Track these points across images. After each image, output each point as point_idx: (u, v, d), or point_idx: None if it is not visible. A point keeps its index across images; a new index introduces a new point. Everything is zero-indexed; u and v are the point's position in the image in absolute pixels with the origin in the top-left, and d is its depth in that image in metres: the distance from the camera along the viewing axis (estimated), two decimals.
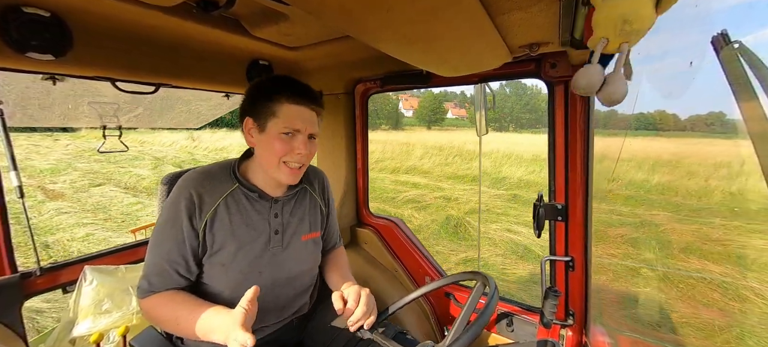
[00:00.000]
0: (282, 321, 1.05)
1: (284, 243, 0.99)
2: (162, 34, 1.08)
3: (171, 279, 0.87)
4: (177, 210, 0.87)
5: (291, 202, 1.02)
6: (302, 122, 0.89)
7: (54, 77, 1.06)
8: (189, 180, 0.91)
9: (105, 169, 10.90)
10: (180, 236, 0.87)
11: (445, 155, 13.83)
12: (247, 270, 0.92)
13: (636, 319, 3.30)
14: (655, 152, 11.77)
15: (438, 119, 65.35)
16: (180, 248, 0.87)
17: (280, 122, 0.87)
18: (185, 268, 0.88)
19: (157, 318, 0.88)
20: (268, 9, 1.00)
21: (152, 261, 0.88)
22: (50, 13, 0.86)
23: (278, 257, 0.97)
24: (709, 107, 18.14)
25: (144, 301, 0.88)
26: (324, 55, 1.42)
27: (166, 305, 0.86)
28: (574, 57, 1.02)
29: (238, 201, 0.93)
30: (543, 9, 0.71)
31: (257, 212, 0.95)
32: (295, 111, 0.88)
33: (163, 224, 0.89)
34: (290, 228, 1.00)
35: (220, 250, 0.90)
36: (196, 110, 1.89)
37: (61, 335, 1.22)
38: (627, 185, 8.42)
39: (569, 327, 1.28)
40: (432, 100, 64.63)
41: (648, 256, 4.89)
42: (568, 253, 1.24)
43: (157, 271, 0.87)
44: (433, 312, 1.65)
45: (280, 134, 0.87)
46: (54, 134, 19.88)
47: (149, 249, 0.90)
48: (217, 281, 0.91)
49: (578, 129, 1.15)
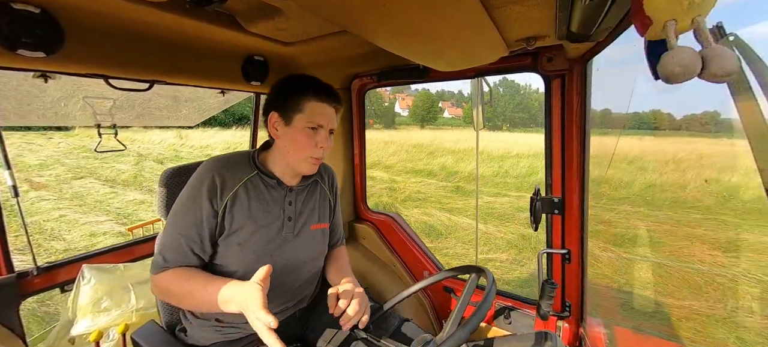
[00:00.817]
0: (285, 310, 1.07)
1: (296, 230, 1.03)
2: (156, 31, 1.07)
3: (185, 256, 0.90)
4: (199, 191, 0.91)
5: (304, 192, 1.08)
6: (325, 119, 0.96)
7: (46, 75, 1.05)
8: (213, 164, 0.97)
9: (90, 164, 11.45)
10: (199, 216, 0.90)
11: (418, 152, 14.77)
12: (260, 251, 0.96)
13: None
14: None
15: (431, 117, 65.38)
16: (198, 227, 0.91)
17: (305, 117, 0.94)
18: (200, 247, 0.91)
19: (171, 293, 0.90)
20: (264, 4, 0.99)
21: (169, 237, 0.92)
22: (40, 9, 0.84)
23: (289, 243, 1.02)
24: (703, 107, 18.07)
25: (158, 276, 0.91)
26: (320, 50, 1.41)
27: (179, 279, 0.89)
28: (571, 51, 1.02)
29: (257, 186, 0.98)
30: (539, 2, 0.71)
31: (273, 199, 1.00)
32: (320, 108, 0.95)
33: (184, 202, 0.93)
34: (302, 217, 1.05)
35: (238, 230, 0.94)
36: (192, 107, 1.87)
37: (60, 334, 1.22)
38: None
39: (566, 318, 1.30)
40: (425, 99, 64.52)
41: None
42: (564, 246, 1.26)
43: (174, 247, 0.90)
44: (433, 307, 1.66)
45: (305, 129, 0.94)
46: (48, 132, 19.93)
47: (167, 227, 0.94)
48: (231, 260, 0.95)
49: (575, 123, 1.15)
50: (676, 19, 0.38)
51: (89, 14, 0.92)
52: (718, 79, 0.37)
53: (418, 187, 9.75)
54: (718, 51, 0.36)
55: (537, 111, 68.22)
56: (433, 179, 10.79)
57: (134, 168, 10.82)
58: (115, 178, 9.66)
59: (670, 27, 0.39)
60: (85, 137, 17.39)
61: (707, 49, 0.37)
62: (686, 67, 0.37)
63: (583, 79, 1.12)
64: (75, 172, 10.20)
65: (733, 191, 7.00)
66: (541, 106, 29.74)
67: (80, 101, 1.38)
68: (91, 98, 1.38)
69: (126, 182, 9.27)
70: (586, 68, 1.10)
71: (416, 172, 11.95)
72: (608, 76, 1.13)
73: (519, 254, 4.98)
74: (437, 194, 9.06)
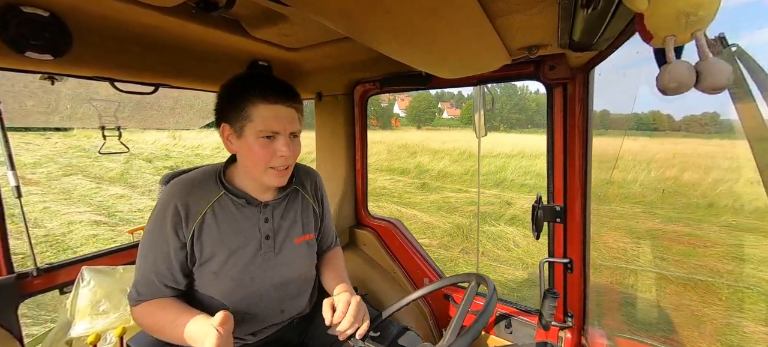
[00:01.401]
0: (282, 323, 1.04)
1: (276, 248, 0.97)
2: (161, 35, 1.08)
3: (158, 290, 0.87)
4: (163, 222, 0.85)
5: (282, 205, 0.99)
6: (280, 123, 0.84)
7: (52, 77, 1.06)
8: (174, 190, 0.88)
9: (81, 163, 12.16)
10: (165, 249, 0.85)
11: (401, 151, 15.53)
12: (238, 276, 0.91)
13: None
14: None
15: (427, 119, 65.41)
16: (166, 261, 0.86)
17: (256, 125, 0.82)
18: (172, 279, 0.87)
19: (146, 326, 0.88)
20: (268, 10, 1.00)
21: (140, 270, 0.88)
22: (49, 12, 0.85)
23: (271, 262, 0.96)
24: (703, 108, 18.14)
25: (134, 309, 0.88)
26: (323, 56, 1.42)
27: (153, 314, 0.86)
28: (573, 59, 1.03)
29: (226, 208, 0.90)
30: (542, 11, 0.72)
31: (246, 218, 0.92)
32: (271, 112, 0.82)
33: (149, 234, 0.88)
34: (282, 232, 0.98)
35: (210, 259, 0.88)
36: (195, 110, 1.89)
37: (57, 336, 1.21)
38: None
39: (568, 328, 1.28)
40: (422, 100, 64.65)
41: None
42: (566, 255, 1.25)
43: (145, 282, 0.87)
44: (432, 314, 1.64)
45: (259, 138, 0.83)
46: (46, 133, 20.26)
47: (138, 258, 0.89)
48: (208, 289, 0.90)
49: (577, 131, 1.15)
50: (675, 34, 0.40)
51: (97, 18, 0.93)
52: (710, 91, 0.39)
53: (386, 184, 10.23)
54: (712, 65, 0.38)
55: (534, 112, 69.64)
56: (404, 177, 11.35)
57: (123, 166, 11.40)
58: (102, 175, 10.28)
59: (669, 42, 0.40)
60: (83, 138, 17.87)
61: (702, 63, 0.38)
62: (680, 83, 0.39)
63: (585, 87, 1.12)
64: (66, 170, 10.80)
65: (680, 187, 7.94)
66: (538, 107, 30.37)
67: (85, 101, 1.39)
68: (96, 100, 1.39)
69: (112, 179, 9.89)
70: (588, 77, 1.11)
71: (390, 170, 12.50)
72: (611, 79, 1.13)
73: (450, 240, 5.64)
74: (401, 190, 9.54)
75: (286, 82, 0.88)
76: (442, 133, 34.17)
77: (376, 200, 8.42)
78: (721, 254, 4.76)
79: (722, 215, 6.41)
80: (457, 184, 10.48)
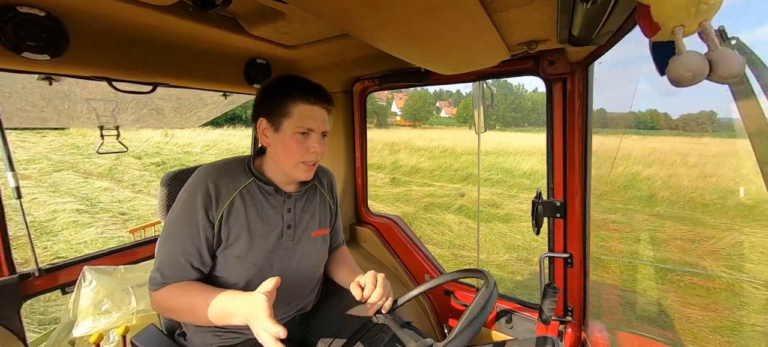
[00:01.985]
0: (286, 316, 1.06)
1: (296, 238, 1.00)
2: (159, 34, 1.08)
3: (184, 270, 0.88)
4: (193, 202, 0.87)
5: (303, 198, 1.04)
6: (315, 121, 0.91)
7: (50, 78, 1.05)
8: (206, 172, 0.92)
9: (73, 159, 12.42)
10: (195, 228, 0.87)
11: (384, 149, 16.01)
12: (260, 262, 0.94)
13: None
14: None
15: (423, 117, 66.18)
16: (195, 240, 0.87)
17: (294, 121, 0.89)
18: (199, 260, 0.88)
19: (171, 308, 0.88)
20: (266, 7, 0.99)
21: (166, 252, 0.88)
22: (45, 12, 0.85)
23: (289, 252, 0.99)
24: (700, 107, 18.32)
25: (156, 293, 0.88)
26: (322, 53, 1.41)
27: (180, 295, 0.86)
28: (573, 54, 1.02)
29: (253, 195, 0.94)
30: (541, 6, 0.71)
31: (272, 206, 0.96)
32: (309, 111, 0.89)
33: (177, 215, 0.89)
34: (302, 224, 1.02)
35: (235, 242, 0.91)
36: (195, 109, 1.88)
37: (60, 336, 1.21)
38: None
39: (568, 323, 1.29)
40: (418, 98, 64.67)
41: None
42: (566, 250, 1.25)
43: (172, 263, 0.87)
44: (433, 309, 1.65)
45: (295, 134, 0.89)
46: (43, 131, 20.53)
47: (162, 241, 0.91)
48: (230, 273, 0.92)
49: (576, 126, 1.15)
50: (684, 25, 0.39)
51: (94, 17, 0.93)
52: (725, 80, 0.38)
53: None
54: (724, 53, 0.37)
55: (529, 111, 69.89)
56: (379, 173, 11.71)
57: (113, 163, 11.80)
58: (92, 171, 10.61)
59: (678, 32, 0.40)
60: (78, 136, 18.08)
61: (713, 52, 0.38)
62: (695, 72, 0.38)
63: (584, 82, 1.12)
64: (57, 166, 11.11)
65: (635, 182, 8.39)
66: (533, 106, 30.67)
67: (83, 101, 1.38)
68: (94, 100, 1.39)
69: (101, 174, 10.22)
70: (587, 72, 1.10)
71: (368, 166, 13.57)
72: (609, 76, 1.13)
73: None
74: (370, 185, 10.46)
75: (323, 87, 0.94)
76: (434, 131, 35.25)
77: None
78: (624, 237, 5.41)
79: (657, 206, 6.86)
80: (425, 179, 11.03)
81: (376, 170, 12.19)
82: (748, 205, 5.61)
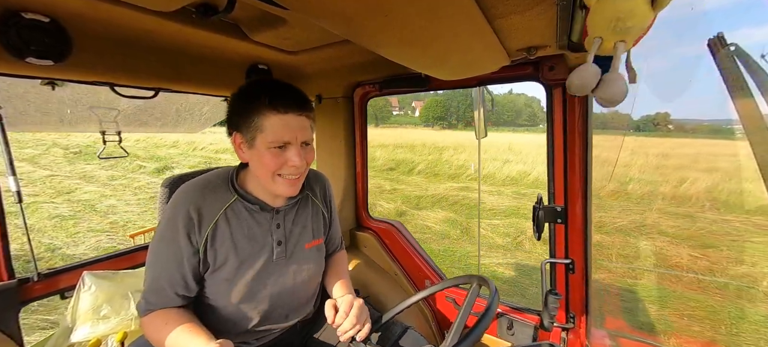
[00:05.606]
0: (286, 327, 1.05)
1: (288, 253, 0.96)
2: (162, 39, 1.09)
3: (168, 298, 0.84)
4: (175, 227, 0.83)
5: (293, 211, 0.99)
6: (291, 132, 0.82)
7: (53, 83, 1.06)
8: (187, 194, 0.87)
9: (54, 154, 13.88)
10: (179, 255, 0.83)
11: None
12: (251, 283, 0.90)
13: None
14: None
15: (384, 117, 76.53)
16: (179, 267, 0.84)
17: (267, 135, 0.80)
18: (184, 287, 0.85)
19: (153, 340, 0.85)
20: (267, 13, 1.00)
21: (151, 277, 0.85)
22: (49, 18, 0.86)
23: (283, 268, 0.95)
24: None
25: (143, 320, 0.86)
26: (323, 59, 1.42)
27: (159, 330, 0.82)
28: (572, 60, 1.03)
29: (239, 214, 0.89)
30: (540, 13, 0.72)
31: (258, 224, 0.91)
32: (281, 122, 0.80)
33: (160, 241, 0.85)
34: (293, 238, 0.98)
35: (222, 266, 0.87)
36: (196, 114, 1.89)
37: (59, 341, 1.21)
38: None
39: (570, 330, 1.27)
40: (379, 98, 70.87)
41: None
42: (568, 255, 1.24)
43: (155, 289, 0.84)
44: (434, 316, 1.64)
45: (270, 149, 0.81)
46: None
47: (148, 265, 0.87)
48: (221, 296, 0.89)
49: (576, 131, 1.15)
50: (602, 38, 0.43)
51: (97, 23, 0.93)
52: (602, 102, 0.43)
53: None
54: (613, 78, 0.42)
55: (516, 114, 74.42)
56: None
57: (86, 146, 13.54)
58: (71, 166, 12.09)
59: (595, 43, 0.44)
60: (71, 136, 18.46)
61: (608, 74, 0.42)
62: (580, 85, 0.44)
63: None
64: (42, 164, 12.46)
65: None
66: (520, 108, 32.33)
67: (86, 107, 1.39)
68: (97, 107, 1.40)
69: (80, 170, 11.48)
70: None
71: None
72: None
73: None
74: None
75: (297, 89, 0.86)
76: (387, 130, 37.71)
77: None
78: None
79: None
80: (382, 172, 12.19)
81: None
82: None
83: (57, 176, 10.36)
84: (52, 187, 9.06)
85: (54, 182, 9.60)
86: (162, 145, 18.44)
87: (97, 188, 9.14)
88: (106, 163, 12.10)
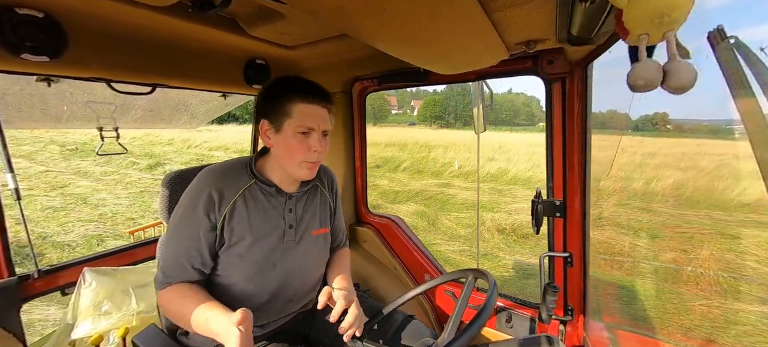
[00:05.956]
0: (289, 314, 1.07)
1: (297, 237, 1.02)
2: (158, 35, 1.08)
3: (185, 272, 0.90)
4: (195, 206, 0.90)
5: (303, 198, 1.06)
6: (315, 121, 0.92)
7: (49, 79, 1.05)
8: (209, 176, 0.94)
9: (50, 151, 14.07)
10: (197, 232, 0.89)
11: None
12: (262, 261, 0.95)
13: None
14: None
15: (382, 116, 75.50)
16: (196, 243, 0.90)
17: (294, 121, 0.90)
18: (200, 262, 0.91)
19: (170, 312, 0.91)
20: (265, 8, 0.99)
21: (168, 253, 0.91)
22: (44, 14, 0.85)
23: (291, 251, 1.01)
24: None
25: (160, 293, 0.91)
26: (321, 53, 1.41)
27: (176, 299, 0.88)
28: (572, 54, 1.02)
29: (255, 196, 0.97)
30: (539, 5, 0.71)
31: (273, 207, 0.99)
32: (309, 110, 0.91)
33: (181, 218, 0.91)
34: (303, 223, 1.04)
35: (238, 242, 0.93)
36: (194, 110, 1.88)
37: (60, 337, 1.21)
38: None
39: (568, 322, 1.29)
40: (377, 98, 68.53)
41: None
42: (566, 249, 1.25)
43: (173, 264, 0.90)
44: (433, 309, 1.65)
45: (296, 134, 0.91)
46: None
47: (166, 241, 0.94)
48: (232, 272, 0.94)
49: (576, 125, 1.15)
50: (648, 33, 0.42)
51: (92, 18, 0.92)
52: (674, 91, 0.41)
53: None
54: (678, 66, 0.40)
55: (513, 113, 75.94)
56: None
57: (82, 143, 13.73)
58: (66, 162, 12.39)
59: (642, 40, 0.42)
60: (65, 132, 18.66)
61: (670, 63, 0.41)
62: (647, 81, 0.41)
63: (583, 82, 1.12)
64: (35, 157, 12.85)
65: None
66: (517, 106, 32.62)
67: (82, 103, 1.38)
68: (94, 103, 1.39)
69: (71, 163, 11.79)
70: (586, 71, 1.10)
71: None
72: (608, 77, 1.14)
73: None
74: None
75: (322, 86, 0.96)
76: (382, 129, 38.12)
77: None
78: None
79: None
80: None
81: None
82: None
83: (52, 171, 10.52)
84: (47, 182, 9.16)
85: (49, 177, 9.74)
86: (158, 142, 18.51)
87: (90, 183, 9.27)
88: (100, 159, 12.30)
